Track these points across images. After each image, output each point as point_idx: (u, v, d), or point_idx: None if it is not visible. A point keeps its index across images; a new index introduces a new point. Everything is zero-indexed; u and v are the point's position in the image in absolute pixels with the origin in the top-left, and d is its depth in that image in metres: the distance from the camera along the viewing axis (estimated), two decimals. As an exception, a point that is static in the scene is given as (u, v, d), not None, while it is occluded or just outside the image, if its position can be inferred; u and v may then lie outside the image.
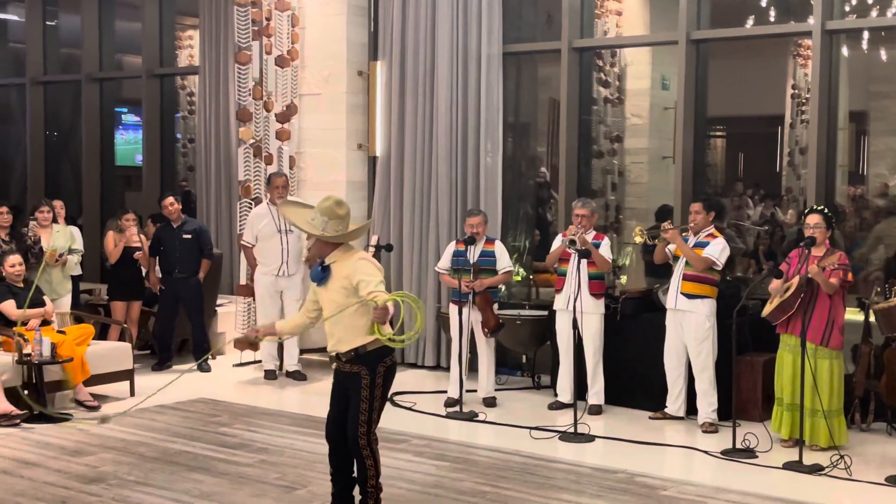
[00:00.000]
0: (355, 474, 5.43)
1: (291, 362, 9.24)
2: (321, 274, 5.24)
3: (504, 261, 8.17)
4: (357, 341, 5.20)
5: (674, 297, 7.57)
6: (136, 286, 9.78)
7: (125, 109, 13.28)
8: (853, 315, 7.54)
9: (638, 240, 7.93)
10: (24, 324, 8.00)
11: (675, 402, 7.75)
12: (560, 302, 8.02)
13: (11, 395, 7.56)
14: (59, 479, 6.17)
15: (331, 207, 5.20)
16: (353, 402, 5.27)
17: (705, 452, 6.93)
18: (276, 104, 10.07)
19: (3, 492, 5.91)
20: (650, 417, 7.82)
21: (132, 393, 8.43)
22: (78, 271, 9.76)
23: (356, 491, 5.47)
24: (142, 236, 9.75)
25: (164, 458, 6.68)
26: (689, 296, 7.48)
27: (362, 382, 5.22)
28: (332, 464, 5.48)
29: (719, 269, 7.51)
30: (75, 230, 9.99)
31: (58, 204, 9.88)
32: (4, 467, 6.42)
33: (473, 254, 8.08)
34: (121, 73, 13.13)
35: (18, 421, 7.43)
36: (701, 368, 7.51)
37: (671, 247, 7.64)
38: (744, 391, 7.64)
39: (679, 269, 7.56)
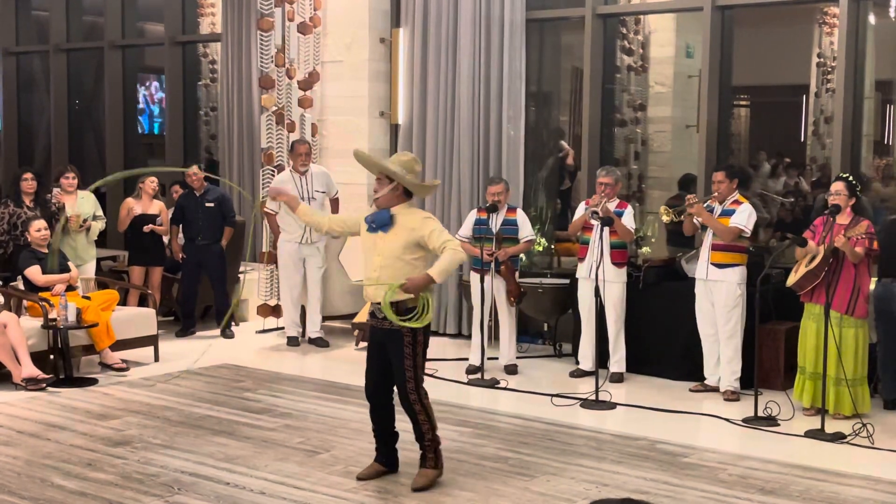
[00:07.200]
0: (396, 429, 5.64)
1: (314, 329, 9.28)
2: (388, 221, 5.39)
3: (526, 229, 8.16)
4: (400, 295, 5.31)
5: (704, 268, 7.53)
6: (155, 252, 9.81)
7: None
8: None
9: (665, 219, 7.89)
10: (49, 289, 8.08)
11: (713, 373, 7.68)
12: (582, 270, 8.02)
13: (38, 359, 7.64)
14: (86, 442, 6.24)
15: (409, 162, 5.48)
16: (396, 361, 5.39)
17: (727, 420, 6.94)
18: (298, 71, 10.06)
19: (30, 454, 5.99)
20: (691, 390, 7.71)
21: (156, 358, 8.50)
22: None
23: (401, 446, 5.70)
24: (161, 203, 9.78)
25: (189, 422, 6.74)
26: (720, 265, 7.44)
27: (404, 341, 5.35)
28: (374, 420, 5.63)
29: (748, 235, 7.47)
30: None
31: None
32: (32, 430, 6.50)
33: (496, 222, 8.08)
34: (143, 41, 13.14)
35: (45, 385, 7.51)
36: (728, 335, 7.48)
37: (698, 218, 7.59)
38: (766, 360, 7.62)
39: (708, 239, 7.52)
